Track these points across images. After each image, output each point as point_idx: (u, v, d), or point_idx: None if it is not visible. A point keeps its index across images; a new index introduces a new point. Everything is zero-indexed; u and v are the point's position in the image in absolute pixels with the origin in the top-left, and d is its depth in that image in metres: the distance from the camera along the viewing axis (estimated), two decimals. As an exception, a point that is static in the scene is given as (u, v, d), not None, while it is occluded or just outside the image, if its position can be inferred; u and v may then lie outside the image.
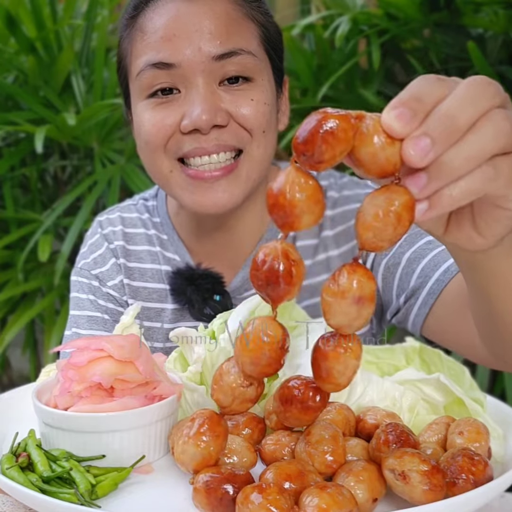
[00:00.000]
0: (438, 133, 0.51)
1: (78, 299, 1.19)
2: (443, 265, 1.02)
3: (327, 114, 0.52)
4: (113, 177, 2.44)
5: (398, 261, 1.09)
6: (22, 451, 0.73)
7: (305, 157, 0.52)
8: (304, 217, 0.54)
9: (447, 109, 0.51)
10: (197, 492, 0.63)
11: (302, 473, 0.64)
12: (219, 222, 1.15)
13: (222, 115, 1.00)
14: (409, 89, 0.54)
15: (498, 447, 0.73)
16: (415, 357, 0.85)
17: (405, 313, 1.08)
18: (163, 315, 1.18)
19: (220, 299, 1.13)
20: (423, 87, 0.54)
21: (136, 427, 0.74)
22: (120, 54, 1.10)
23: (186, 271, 1.15)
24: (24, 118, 2.49)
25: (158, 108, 1.03)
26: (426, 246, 1.07)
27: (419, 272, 1.05)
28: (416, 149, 0.51)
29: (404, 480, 0.61)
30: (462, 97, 0.52)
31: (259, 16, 1.06)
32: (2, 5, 2.44)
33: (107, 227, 1.23)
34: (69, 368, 0.76)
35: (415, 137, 0.51)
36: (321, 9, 2.71)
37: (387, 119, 0.52)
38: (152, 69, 1.01)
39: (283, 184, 0.54)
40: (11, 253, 2.55)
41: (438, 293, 1.01)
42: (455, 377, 0.82)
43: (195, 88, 1.00)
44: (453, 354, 1.09)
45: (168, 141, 1.03)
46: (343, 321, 0.57)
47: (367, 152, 0.52)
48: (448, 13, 2.26)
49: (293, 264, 0.56)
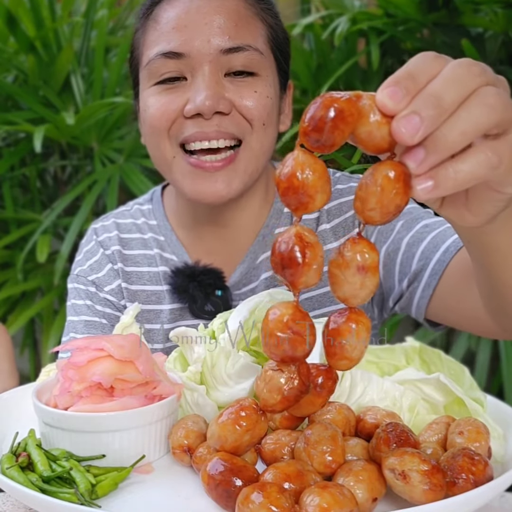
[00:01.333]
0: (425, 111, 0.52)
1: (75, 305, 1.20)
2: (443, 246, 1.04)
3: (334, 98, 0.53)
4: (112, 177, 2.44)
5: (398, 247, 1.10)
6: (22, 451, 0.73)
7: (317, 142, 0.54)
8: (318, 196, 0.56)
9: (433, 88, 0.53)
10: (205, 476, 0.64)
11: (301, 473, 0.64)
12: (217, 217, 1.16)
13: (225, 103, 1.03)
14: (405, 66, 0.55)
15: (498, 447, 0.73)
16: (415, 357, 0.85)
17: (408, 297, 1.09)
18: (162, 316, 1.19)
19: (222, 294, 1.14)
20: (419, 64, 0.55)
21: (136, 427, 0.74)
22: (133, 44, 1.13)
23: (186, 269, 1.16)
24: (23, 118, 2.49)
25: (164, 93, 1.06)
26: (423, 229, 1.08)
27: (419, 255, 1.06)
28: (407, 126, 0.52)
29: (404, 480, 0.61)
30: (447, 77, 0.54)
31: (268, 18, 1.10)
32: (3, 4, 2.44)
33: (102, 234, 1.24)
34: (69, 368, 0.76)
35: (405, 116, 0.52)
36: (320, 9, 2.71)
37: (381, 97, 0.53)
38: (162, 58, 1.05)
39: (294, 167, 0.55)
40: (11, 253, 2.55)
41: (440, 273, 1.03)
42: (455, 376, 0.82)
43: (201, 76, 1.04)
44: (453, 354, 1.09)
45: (172, 126, 1.06)
46: (348, 292, 0.59)
47: (365, 131, 0.54)
48: (447, 12, 2.26)
49: (306, 245, 0.57)
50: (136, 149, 2.47)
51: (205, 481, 0.65)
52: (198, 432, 0.75)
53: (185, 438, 0.74)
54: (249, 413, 0.65)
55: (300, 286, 0.59)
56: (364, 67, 2.54)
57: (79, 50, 2.68)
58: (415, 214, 1.12)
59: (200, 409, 0.82)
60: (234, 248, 1.19)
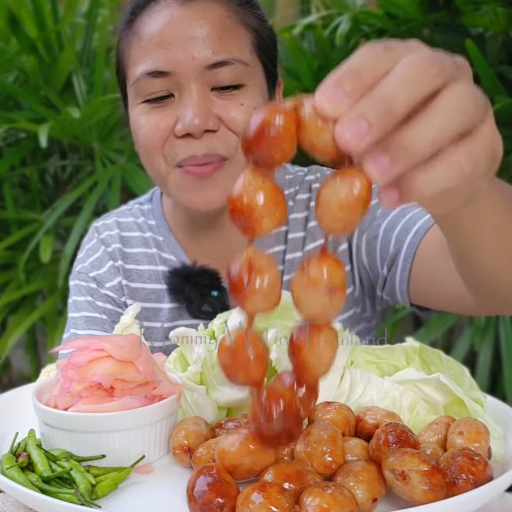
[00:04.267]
0: (373, 115, 0.46)
1: (76, 302, 1.21)
2: (413, 228, 1.05)
3: (270, 113, 0.49)
4: (114, 177, 2.44)
5: (376, 234, 1.11)
6: (22, 451, 0.73)
7: (258, 159, 0.51)
8: (264, 221, 0.52)
9: (384, 90, 0.46)
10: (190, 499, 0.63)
11: (301, 474, 0.64)
12: (212, 219, 1.17)
13: (213, 120, 1.03)
14: (349, 62, 0.48)
15: (498, 447, 0.73)
16: (415, 357, 0.85)
17: (390, 283, 1.10)
18: (161, 314, 1.20)
19: (218, 294, 1.15)
20: (365, 60, 0.48)
21: (136, 427, 0.74)
22: (118, 55, 1.13)
23: (182, 270, 1.17)
24: (24, 118, 2.49)
25: (152, 112, 1.06)
26: (398, 214, 1.09)
27: (394, 240, 1.07)
28: (352, 131, 0.46)
29: (404, 480, 0.61)
30: (399, 77, 0.47)
31: (252, 22, 1.08)
32: (5, 5, 2.45)
33: (103, 232, 1.26)
34: (69, 368, 0.76)
35: (350, 119, 0.46)
36: (321, 9, 2.71)
37: (319, 101, 0.47)
38: (148, 77, 1.04)
39: (240, 187, 0.52)
40: (13, 254, 2.55)
41: (412, 256, 1.04)
42: (455, 377, 0.82)
43: (189, 93, 1.03)
44: (454, 355, 1.10)
45: (164, 144, 1.06)
46: (317, 312, 0.55)
47: (307, 141, 0.49)
48: (447, 12, 2.26)
49: (253, 270, 0.54)
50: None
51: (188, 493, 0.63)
52: (198, 433, 0.75)
53: (185, 439, 0.74)
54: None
55: (249, 311, 0.56)
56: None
57: (80, 50, 2.68)
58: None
59: (200, 409, 0.82)
60: (230, 249, 1.19)
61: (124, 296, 1.21)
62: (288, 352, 0.60)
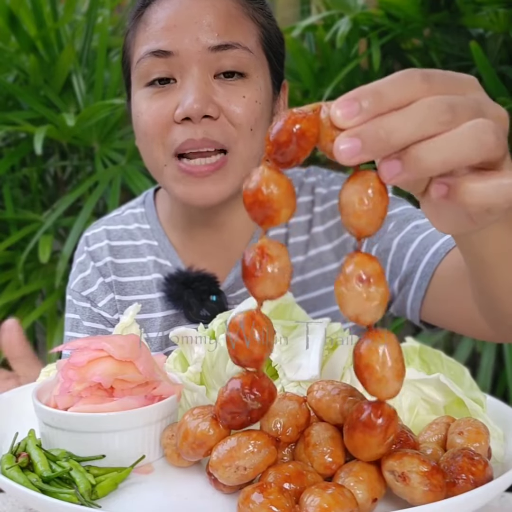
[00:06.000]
0: (370, 142, 0.49)
1: (67, 319, 1.22)
2: (432, 248, 1.04)
3: (295, 117, 0.53)
4: (114, 178, 2.44)
5: (388, 247, 1.10)
6: (22, 451, 0.73)
7: (281, 157, 0.55)
8: (283, 211, 0.56)
9: (393, 120, 0.49)
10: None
11: (301, 474, 0.64)
12: (210, 219, 1.16)
13: (213, 107, 1.03)
14: (381, 81, 0.51)
15: (498, 447, 0.73)
16: (415, 357, 0.85)
17: (401, 300, 1.09)
18: (156, 324, 1.19)
19: (217, 299, 1.14)
20: (395, 84, 0.50)
21: (136, 427, 0.74)
22: (125, 46, 1.13)
23: (180, 276, 1.16)
24: (24, 118, 2.49)
25: (155, 97, 1.06)
26: (414, 230, 1.08)
27: (409, 257, 1.07)
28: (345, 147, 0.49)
29: (404, 482, 0.61)
30: (417, 115, 0.49)
31: (260, 17, 1.08)
32: (4, 4, 2.45)
33: (93, 244, 1.24)
34: (69, 368, 0.76)
35: (347, 136, 0.49)
36: (321, 9, 2.71)
37: (334, 109, 0.50)
38: (151, 57, 1.04)
39: (259, 182, 0.56)
40: (12, 254, 2.55)
41: (430, 275, 1.03)
42: (455, 377, 0.82)
43: (190, 78, 1.03)
44: (453, 355, 1.10)
45: (165, 131, 1.05)
46: (357, 308, 0.56)
47: (324, 144, 0.53)
48: (448, 13, 2.27)
49: (265, 257, 0.58)
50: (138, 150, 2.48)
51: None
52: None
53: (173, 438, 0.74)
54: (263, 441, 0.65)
55: (258, 296, 0.59)
56: (365, 67, 2.54)
57: (80, 50, 2.68)
58: (407, 215, 1.12)
59: (200, 409, 0.82)
60: (228, 250, 1.19)
61: (117, 312, 1.20)
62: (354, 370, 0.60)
